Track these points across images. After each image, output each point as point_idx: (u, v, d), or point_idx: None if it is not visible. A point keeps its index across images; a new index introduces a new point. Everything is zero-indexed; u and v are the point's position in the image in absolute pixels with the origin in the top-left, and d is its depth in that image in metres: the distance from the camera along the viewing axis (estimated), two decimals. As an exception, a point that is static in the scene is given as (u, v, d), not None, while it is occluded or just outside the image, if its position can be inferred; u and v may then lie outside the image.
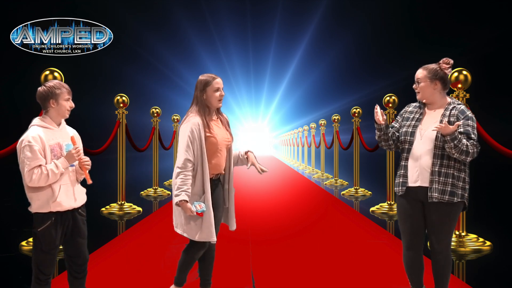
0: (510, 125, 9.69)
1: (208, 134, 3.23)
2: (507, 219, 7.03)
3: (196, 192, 3.18)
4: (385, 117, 3.28)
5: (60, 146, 2.98)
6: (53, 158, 2.92)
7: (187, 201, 3.08)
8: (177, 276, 3.40)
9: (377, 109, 3.28)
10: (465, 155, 3.03)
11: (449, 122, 3.12)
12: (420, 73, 3.23)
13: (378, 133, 3.33)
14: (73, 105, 3.06)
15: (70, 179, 3.00)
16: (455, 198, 3.10)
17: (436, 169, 3.11)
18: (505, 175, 9.58)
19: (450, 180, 3.10)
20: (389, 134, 3.32)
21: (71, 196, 2.98)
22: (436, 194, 3.10)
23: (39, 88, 3.00)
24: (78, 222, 3.04)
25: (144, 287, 3.94)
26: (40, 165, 2.84)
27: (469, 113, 3.14)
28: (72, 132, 3.15)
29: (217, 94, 3.28)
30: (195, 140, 3.17)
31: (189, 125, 3.19)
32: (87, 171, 3.05)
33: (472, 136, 3.08)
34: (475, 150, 3.05)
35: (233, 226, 3.51)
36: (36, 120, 2.99)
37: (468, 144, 3.04)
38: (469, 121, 3.11)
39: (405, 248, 3.32)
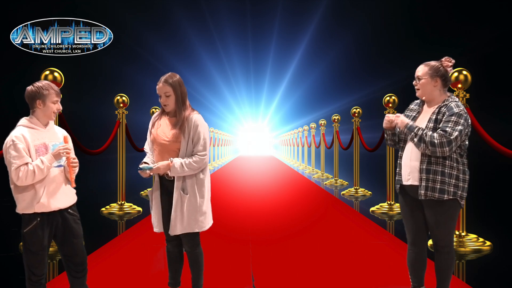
0: (510, 125, 9.69)
1: (151, 130, 3.41)
2: (507, 219, 7.02)
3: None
4: (393, 123, 3.29)
5: (46, 147, 2.94)
6: (37, 158, 2.89)
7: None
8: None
9: (389, 117, 3.30)
10: (431, 146, 3.03)
11: (437, 120, 3.11)
12: (421, 69, 3.21)
13: (385, 135, 3.42)
14: (60, 107, 3.01)
15: (55, 180, 2.96)
16: (445, 196, 3.08)
17: (424, 166, 3.12)
18: (505, 175, 9.58)
19: (439, 177, 3.08)
20: (395, 139, 3.39)
21: (56, 197, 2.94)
22: (423, 192, 3.11)
23: (28, 87, 2.96)
24: (69, 222, 3.01)
25: (144, 287, 3.94)
26: (26, 163, 2.82)
27: (456, 109, 3.06)
28: (61, 132, 3.10)
29: (160, 100, 3.37)
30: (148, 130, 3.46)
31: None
32: (74, 174, 3.01)
33: (447, 129, 3.03)
34: (444, 140, 3.00)
35: (172, 230, 3.30)
36: (22, 120, 2.97)
37: (435, 134, 3.04)
38: (452, 117, 3.05)
39: (409, 244, 3.35)
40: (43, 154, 2.92)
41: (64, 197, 2.99)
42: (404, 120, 3.21)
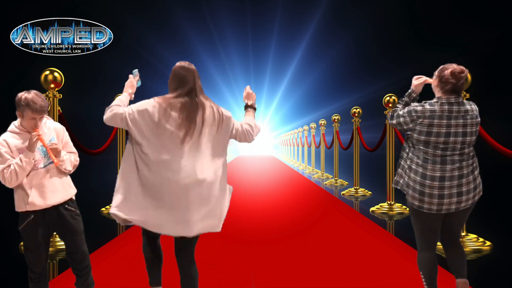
0: (510, 125, 9.68)
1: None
2: (507, 219, 7.02)
3: None
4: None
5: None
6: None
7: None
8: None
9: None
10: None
11: None
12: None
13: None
14: (38, 127, 2.93)
15: (44, 178, 2.98)
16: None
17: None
18: (505, 175, 9.57)
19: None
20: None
21: (47, 195, 2.96)
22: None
23: (18, 94, 2.95)
24: (65, 218, 3.03)
25: (144, 287, 3.94)
26: (9, 165, 2.88)
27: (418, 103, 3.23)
28: (54, 127, 3.08)
29: None
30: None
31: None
32: (55, 156, 2.96)
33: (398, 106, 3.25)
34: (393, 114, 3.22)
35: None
36: (10, 126, 3.01)
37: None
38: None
39: (425, 250, 3.23)
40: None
41: (56, 193, 3.00)
42: (419, 85, 3.22)
